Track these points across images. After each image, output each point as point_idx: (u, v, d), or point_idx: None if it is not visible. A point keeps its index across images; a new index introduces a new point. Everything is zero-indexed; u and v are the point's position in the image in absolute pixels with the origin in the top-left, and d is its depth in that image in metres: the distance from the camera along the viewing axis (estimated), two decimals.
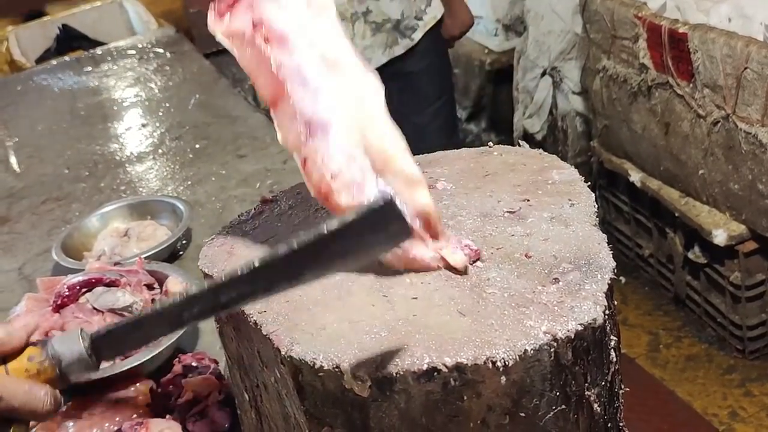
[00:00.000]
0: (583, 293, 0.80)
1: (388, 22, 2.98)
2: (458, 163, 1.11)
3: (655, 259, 3.46)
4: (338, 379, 0.77)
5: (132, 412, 1.41)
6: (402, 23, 3.00)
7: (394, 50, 3.02)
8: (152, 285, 1.61)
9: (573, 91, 3.92)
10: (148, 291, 1.58)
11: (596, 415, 0.83)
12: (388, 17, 2.97)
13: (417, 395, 0.76)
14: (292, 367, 0.79)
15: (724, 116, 2.75)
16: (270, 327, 0.83)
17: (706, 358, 3.15)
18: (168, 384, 1.44)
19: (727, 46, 2.64)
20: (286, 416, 0.90)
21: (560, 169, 1.05)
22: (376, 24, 2.96)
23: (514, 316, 0.79)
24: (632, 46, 3.15)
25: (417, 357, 0.76)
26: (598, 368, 0.82)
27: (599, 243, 0.88)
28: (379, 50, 3.00)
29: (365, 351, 0.77)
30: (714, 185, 2.93)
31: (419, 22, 3.03)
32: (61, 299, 1.52)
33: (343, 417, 0.79)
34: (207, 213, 2.20)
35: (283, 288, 0.77)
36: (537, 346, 0.76)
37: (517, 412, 0.78)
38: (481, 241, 0.91)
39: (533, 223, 0.93)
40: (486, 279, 0.84)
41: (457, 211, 0.97)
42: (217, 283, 0.78)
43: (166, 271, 1.66)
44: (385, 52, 3.01)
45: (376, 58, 3.00)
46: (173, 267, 1.71)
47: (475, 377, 0.75)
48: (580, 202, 0.96)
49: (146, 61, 3.60)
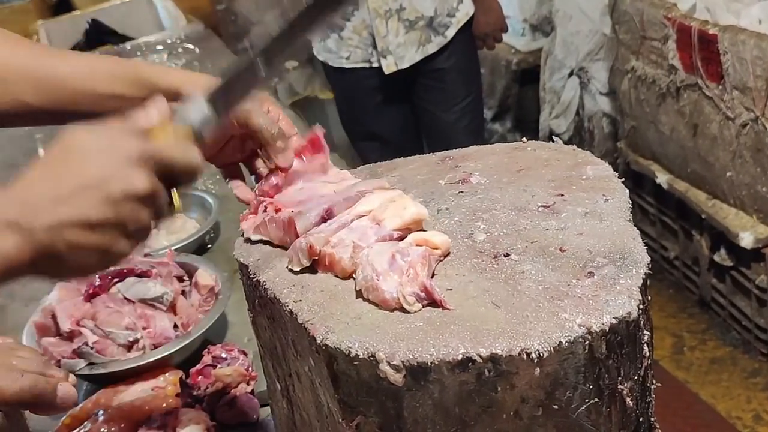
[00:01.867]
0: (617, 287, 0.81)
1: (422, 20, 2.97)
2: (492, 157, 1.11)
3: (681, 261, 3.44)
4: (373, 368, 0.77)
5: (161, 402, 1.42)
6: (435, 20, 2.98)
7: (427, 48, 3.01)
8: (182, 277, 1.62)
9: (600, 91, 3.91)
10: (179, 282, 1.60)
11: (628, 409, 0.83)
12: (422, 14, 2.96)
13: (451, 385, 0.76)
14: (327, 355, 0.80)
15: (753, 118, 2.74)
16: (305, 316, 0.84)
17: (731, 361, 3.13)
18: (197, 374, 1.45)
19: (757, 47, 2.62)
20: (318, 405, 0.90)
21: (594, 164, 1.05)
22: (409, 21, 2.94)
23: (549, 308, 0.79)
24: (661, 47, 3.14)
25: (452, 347, 0.76)
26: (631, 362, 0.82)
27: (634, 238, 0.88)
28: (412, 48, 2.99)
29: (400, 340, 0.78)
30: (742, 187, 2.92)
31: (452, 19, 3.02)
32: (93, 289, 1.53)
33: (377, 406, 0.79)
34: (235, 207, 2.20)
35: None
36: (571, 338, 0.76)
37: (550, 404, 0.78)
38: (515, 234, 0.91)
39: (567, 218, 0.93)
40: (521, 272, 0.85)
41: (492, 205, 0.98)
42: (283, 28, 0.91)
43: (196, 263, 1.67)
44: (418, 50, 3.00)
45: (410, 56, 2.99)
46: (202, 259, 1.73)
47: (510, 368, 0.76)
48: (615, 198, 0.96)
49: (175, 57, 3.62)
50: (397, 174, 1.12)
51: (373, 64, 3.01)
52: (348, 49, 3.01)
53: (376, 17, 2.90)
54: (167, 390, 1.45)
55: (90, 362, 1.46)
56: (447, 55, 3.06)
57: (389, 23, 2.92)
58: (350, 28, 2.96)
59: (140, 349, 1.49)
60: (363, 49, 2.99)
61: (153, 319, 1.51)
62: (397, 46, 2.96)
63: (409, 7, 2.94)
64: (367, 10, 2.89)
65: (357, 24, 2.94)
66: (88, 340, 1.46)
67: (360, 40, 2.97)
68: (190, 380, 1.46)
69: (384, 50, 2.95)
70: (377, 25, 2.91)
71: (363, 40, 2.97)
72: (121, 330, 1.48)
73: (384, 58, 2.97)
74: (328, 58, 3.09)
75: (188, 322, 1.54)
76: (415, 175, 1.10)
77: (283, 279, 0.92)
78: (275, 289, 0.91)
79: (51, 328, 1.52)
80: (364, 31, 2.95)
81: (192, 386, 1.45)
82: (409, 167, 1.14)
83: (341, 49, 3.01)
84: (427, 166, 1.13)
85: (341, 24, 2.92)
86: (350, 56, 3.02)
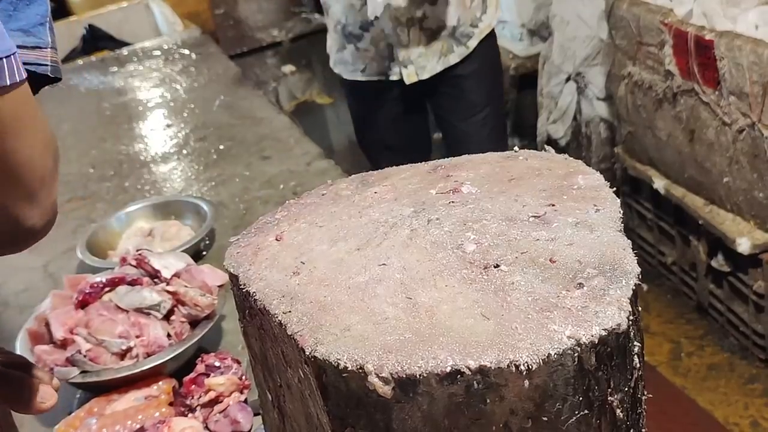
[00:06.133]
0: (607, 298, 0.80)
1: (444, 29, 2.87)
2: (483, 166, 1.11)
3: (678, 267, 3.44)
4: (362, 380, 0.77)
5: (154, 410, 1.42)
6: (458, 30, 2.89)
7: (449, 59, 2.93)
8: None
9: (598, 97, 3.91)
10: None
11: (619, 421, 0.83)
12: (444, 24, 2.87)
13: (440, 397, 0.76)
14: (316, 367, 0.79)
15: (750, 124, 2.74)
16: (295, 327, 0.84)
17: (729, 367, 3.13)
18: (190, 383, 1.45)
19: (753, 53, 2.63)
20: (309, 416, 0.90)
21: (586, 174, 1.04)
22: (431, 31, 2.85)
23: (538, 320, 0.79)
24: (658, 52, 3.14)
25: (440, 359, 0.76)
26: (621, 374, 0.82)
27: (624, 249, 0.88)
28: (434, 58, 2.90)
29: (389, 352, 0.77)
30: (738, 193, 2.92)
31: (474, 29, 2.93)
32: (83, 296, 1.53)
33: (366, 418, 0.79)
34: (230, 214, 2.21)
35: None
36: (561, 350, 0.75)
37: (539, 416, 0.78)
38: (505, 245, 0.91)
39: (558, 228, 0.93)
40: (510, 283, 0.84)
41: (482, 215, 0.97)
42: None
43: None
44: (440, 61, 2.91)
45: (431, 67, 2.90)
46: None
47: (498, 380, 0.75)
48: (606, 208, 0.96)
49: (171, 62, 3.62)
50: (388, 183, 1.11)
51: (390, 77, 2.93)
52: (364, 61, 2.92)
53: (397, 26, 2.81)
54: (160, 399, 1.45)
55: (83, 370, 1.47)
56: (468, 65, 2.97)
57: (411, 32, 2.83)
58: (368, 39, 2.86)
59: (133, 358, 1.49)
60: (379, 61, 2.90)
61: (146, 327, 1.51)
62: (418, 56, 2.87)
63: (432, 16, 2.84)
64: (387, 19, 2.79)
65: (375, 34, 2.85)
66: (81, 348, 1.46)
67: (377, 51, 2.88)
68: (184, 389, 1.46)
69: (405, 60, 2.87)
70: (398, 34, 2.82)
71: (380, 51, 2.88)
72: (114, 338, 1.48)
73: (405, 67, 2.88)
74: (342, 70, 3.00)
75: (181, 331, 1.53)
76: (406, 184, 1.10)
77: (272, 290, 0.91)
78: (265, 300, 0.90)
79: (44, 336, 1.52)
80: (382, 42, 2.86)
81: (185, 395, 1.45)
82: (400, 176, 1.14)
83: (357, 61, 2.93)
84: (418, 175, 1.13)
85: (359, 34, 2.84)
86: (366, 69, 2.94)
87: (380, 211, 1.03)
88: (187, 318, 1.55)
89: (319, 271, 0.93)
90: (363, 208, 1.05)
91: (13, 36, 0.82)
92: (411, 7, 2.77)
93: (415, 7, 2.78)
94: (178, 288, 1.55)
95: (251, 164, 2.49)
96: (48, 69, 0.88)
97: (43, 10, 0.88)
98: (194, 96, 3.20)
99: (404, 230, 0.97)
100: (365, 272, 0.90)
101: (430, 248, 0.93)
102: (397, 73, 2.90)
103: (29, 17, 0.86)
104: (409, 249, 0.93)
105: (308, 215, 1.08)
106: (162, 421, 1.38)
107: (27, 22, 0.86)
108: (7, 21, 0.83)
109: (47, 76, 0.88)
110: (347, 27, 2.86)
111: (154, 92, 3.32)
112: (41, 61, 0.87)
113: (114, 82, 3.52)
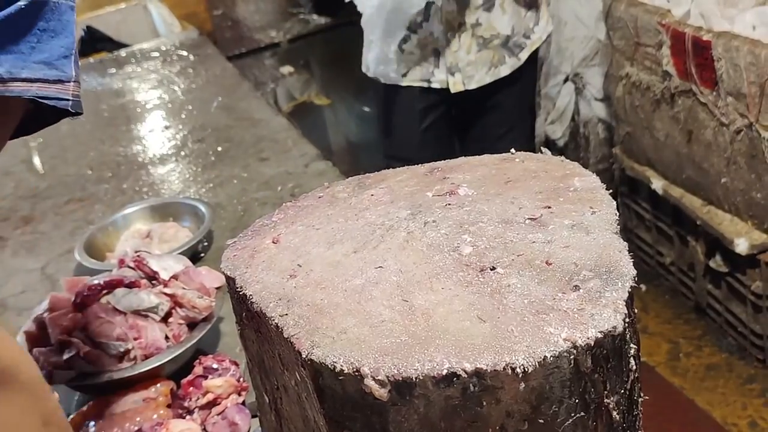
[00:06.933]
0: (603, 301, 0.80)
1: (497, 38, 2.71)
2: (480, 169, 1.11)
3: (677, 267, 3.44)
4: (358, 383, 0.77)
5: (152, 412, 1.42)
6: (511, 39, 2.74)
7: (500, 70, 2.77)
8: None
9: (595, 97, 3.91)
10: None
11: (615, 423, 0.83)
12: (498, 32, 2.71)
13: (436, 400, 0.76)
14: (313, 370, 0.80)
15: (748, 125, 2.74)
16: (291, 330, 0.84)
17: (727, 367, 3.13)
18: (188, 385, 1.45)
19: (751, 54, 2.63)
20: (305, 419, 0.90)
21: (582, 176, 1.05)
22: (483, 39, 2.69)
23: (534, 322, 0.79)
24: (656, 53, 3.14)
25: (437, 362, 0.76)
26: (617, 376, 0.82)
27: (620, 251, 0.88)
28: (483, 68, 2.74)
29: (385, 355, 0.77)
30: (736, 194, 2.92)
31: (527, 40, 2.79)
32: (81, 298, 1.53)
33: (363, 421, 0.79)
34: (228, 215, 2.21)
35: None
36: (557, 353, 0.76)
37: (535, 418, 0.78)
38: (502, 247, 0.91)
39: (554, 230, 0.93)
40: (506, 285, 0.84)
41: (478, 218, 0.97)
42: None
43: None
44: (489, 72, 2.75)
45: (479, 77, 2.75)
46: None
47: (495, 383, 0.75)
48: (602, 210, 0.96)
49: (169, 64, 3.62)
50: (385, 185, 1.11)
51: (432, 84, 2.77)
52: (407, 64, 2.76)
53: (448, 30, 2.66)
54: (158, 401, 1.45)
55: (81, 373, 1.46)
56: (515, 76, 2.81)
57: (462, 38, 2.67)
58: (414, 41, 2.71)
59: (131, 360, 1.48)
60: (423, 66, 2.75)
61: (144, 329, 1.51)
62: (467, 64, 2.71)
63: (486, 23, 2.68)
64: (438, 21, 2.65)
65: (423, 37, 2.69)
66: (79, 351, 1.46)
67: (422, 55, 2.73)
68: (182, 391, 1.46)
69: (452, 67, 2.70)
70: (449, 39, 2.67)
71: (425, 55, 2.72)
72: (112, 340, 1.48)
73: (452, 75, 2.72)
74: (382, 73, 2.83)
75: (179, 333, 1.53)
76: (403, 186, 1.10)
77: (269, 293, 0.92)
78: (261, 303, 0.90)
79: (42, 339, 1.52)
80: (429, 46, 2.71)
81: (183, 397, 1.45)
82: (397, 178, 1.14)
83: (400, 63, 2.77)
84: (415, 178, 1.13)
85: (406, 35, 2.69)
86: (407, 73, 2.78)
87: (377, 214, 1.03)
88: (185, 320, 1.55)
89: (315, 274, 0.93)
90: (360, 210, 1.05)
91: (34, 68, 0.82)
92: (464, 12, 2.63)
93: (470, 12, 2.65)
94: (176, 290, 1.55)
95: (249, 166, 2.49)
96: (69, 104, 0.88)
97: (68, 43, 0.87)
98: (192, 97, 3.20)
99: (401, 233, 0.97)
100: (362, 275, 0.91)
101: (426, 251, 0.93)
102: (439, 81, 2.76)
103: (53, 49, 0.85)
104: (406, 251, 0.93)
105: (305, 218, 1.08)
106: (160, 423, 1.38)
107: (50, 54, 0.85)
108: (30, 53, 0.82)
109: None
110: (392, 27, 2.70)
111: (152, 94, 3.32)
112: (62, 95, 0.87)
113: (112, 84, 3.52)
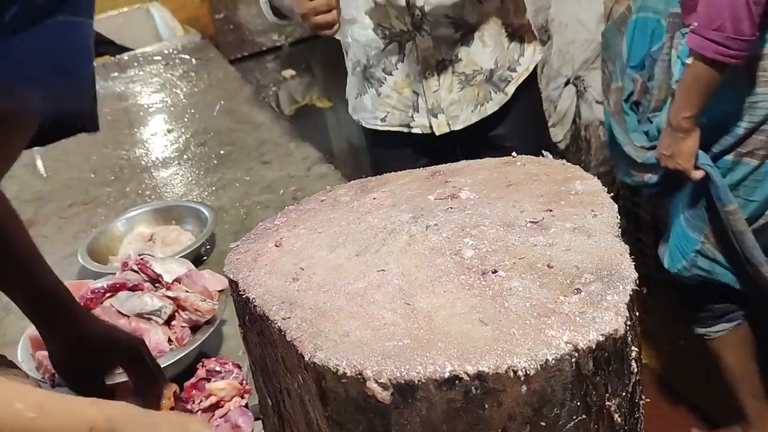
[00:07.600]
0: (604, 304, 0.81)
1: (480, 74, 2.49)
2: (482, 172, 1.12)
3: None
4: (361, 386, 0.77)
5: None
6: (495, 74, 2.51)
7: (486, 108, 2.53)
8: None
9: (597, 100, 3.91)
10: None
11: (616, 426, 0.83)
12: (480, 67, 2.48)
13: (438, 403, 0.77)
14: (315, 373, 0.80)
15: None
16: (294, 333, 0.84)
17: None
18: (191, 388, 1.46)
19: None
20: (308, 422, 0.90)
21: (583, 179, 1.05)
22: (465, 75, 2.46)
23: (536, 325, 0.79)
24: None
25: (439, 365, 0.76)
26: (618, 379, 0.82)
27: (621, 254, 0.88)
28: (468, 107, 2.51)
29: (388, 358, 0.78)
30: None
31: (513, 73, 2.54)
32: (85, 302, 1.53)
33: (365, 423, 0.80)
34: (231, 219, 2.22)
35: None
36: (558, 355, 0.76)
37: (537, 421, 0.78)
38: (503, 250, 0.91)
39: (556, 234, 0.93)
40: (508, 288, 0.85)
41: (480, 221, 0.98)
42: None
43: None
44: (475, 110, 2.52)
45: (465, 117, 2.51)
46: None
47: (496, 386, 0.76)
48: (603, 213, 0.96)
49: (172, 67, 3.63)
50: (387, 189, 1.12)
51: (412, 129, 2.54)
52: (385, 108, 2.54)
53: (426, 68, 2.44)
54: (162, 403, 1.45)
55: None
56: (506, 110, 2.57)
57: (442, 77, 2.46)
58: (391, 84, 2.49)
59: None
60: (402, 110, 2.52)
61: (147, 332, 1.51)
62: (450, 104, 2.48)
63: (466, 58, 2.46)
64: (414, 61, 2.44)
65: (399, 79, 2.49)
66: None
67: (399, 99, 2.51)
68: (185, 394, 1.46)
69: (434, 108, 2.49)
70: (427, 78, 2.45)
71: (403, 99, 2.50)
72: None
73: (434, 117, 2.50)
74: (362, 117, 2.63)
75: (182, 336, 1.54)
76: (405, 190, 1.11)
77: (272, 296, 0.92)
78: (264, 306, 0.91)
79: None
80: (407, 88, 2.49)
81: (186, 400, 1.45)
82: (399, 182, 1.14)
83: (377, 108, 2.55)
84: (417, 181, 1.13)
85: (381, 77, 2.49)
86: (386, 117, 2.55)
87: (379, 217, 1.03)
88: (188, 323, 1.55)
89: (318, 277, 0.93)
90: (362, 214, 1.06)
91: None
92: (442, 48, 2.43)
93: (447, 48, 2.44)
94: (178, 293, 1.56)
95: (251, 169, 2.49)
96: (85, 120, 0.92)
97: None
98: (194, 101, 3.21)
99: (403, 236, 0.97)
100: (364, 278, 0.91)
101: (428, 254, 0.93)
102: (420, 126, 2.54)
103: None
104: (408, 255, 0.94)
105: (307, 221, 1.08)
106: None
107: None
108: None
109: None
110: (369, 69, 2.52)
111: (155, 97, 3.33)
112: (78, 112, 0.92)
113: (115, 87, 3.52)
